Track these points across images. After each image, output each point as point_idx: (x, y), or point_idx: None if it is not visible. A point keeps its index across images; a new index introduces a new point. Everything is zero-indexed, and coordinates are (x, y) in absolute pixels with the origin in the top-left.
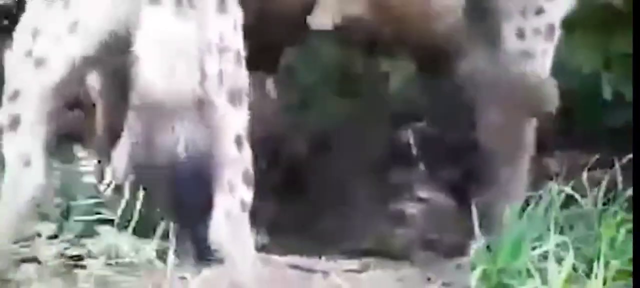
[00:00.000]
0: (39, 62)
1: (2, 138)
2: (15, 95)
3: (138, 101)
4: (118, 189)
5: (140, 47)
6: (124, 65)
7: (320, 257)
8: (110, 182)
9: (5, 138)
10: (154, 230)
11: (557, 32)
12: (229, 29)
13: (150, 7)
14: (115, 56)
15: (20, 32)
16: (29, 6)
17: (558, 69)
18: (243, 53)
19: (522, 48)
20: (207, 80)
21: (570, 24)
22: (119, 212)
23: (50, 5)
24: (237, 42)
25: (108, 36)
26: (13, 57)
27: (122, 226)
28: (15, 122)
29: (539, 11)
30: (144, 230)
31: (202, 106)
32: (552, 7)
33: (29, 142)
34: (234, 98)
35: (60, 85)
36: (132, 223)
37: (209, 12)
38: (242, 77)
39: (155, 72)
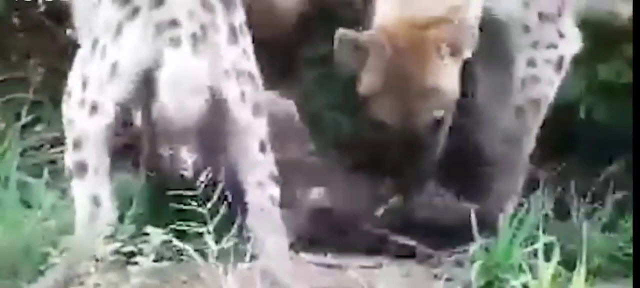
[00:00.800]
0: (93, 108)
1: (71, 183)
2: (77, 143)
3: (160, 127)
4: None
5: (162, 83)
6: (150, 100)
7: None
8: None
9: (74, 183)
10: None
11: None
12: (240, 56)
13: (170, 48)
14: (144, 93)
15: (73, 83)
16: (77, 58)
17: None
18: (257, 71)
19: (532, 74)
20: (229, 102)
21: None
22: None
23: (93, 55)
24: (249, 64)
25: (138, 77)
26: (70, 107)
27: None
28: (82, 169)
29: (551, 46)
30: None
31: (223, 124)
32: (564, 44)
33: (97, 184)
34: (255, 110)
35: (113, 126)
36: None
37: (221, 45)
38: (258, 91)
39: (172, 104)
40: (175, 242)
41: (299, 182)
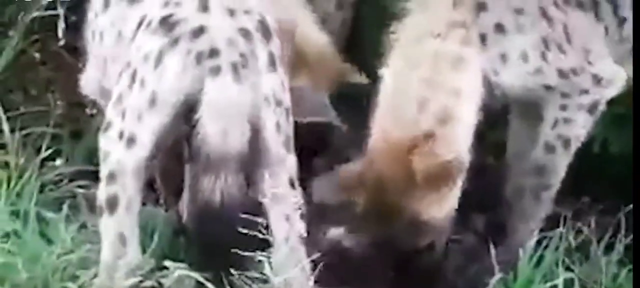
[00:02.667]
0: (130, 141)
1: (100, 218)
2: (112, 176)
3: (198, 156)
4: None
5: (203, 112)
6: (190, 130)
7: None
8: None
9: (103, 219)
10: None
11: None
12: (279, 85)
13: (211, 76)
14: (184, 122)
15: (111, 115)
16: (116, 89)
17: None
18: (290, 106)
19: (564, 116)
20: (266, 130)
21: None
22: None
23: (131, 86)
24: (285, 96)
25: (177, 107)
26: (107, 139)
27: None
28: (113, 204)
29: (583, 92)
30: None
31: (258, 154)
32: (598, 89)
33: (126, 222)
34: (287, 144)
35: (149, 158)
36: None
37: (261, 71)
38: (291, 127)
39: (214, 132)
40: (193, 274)
41: None
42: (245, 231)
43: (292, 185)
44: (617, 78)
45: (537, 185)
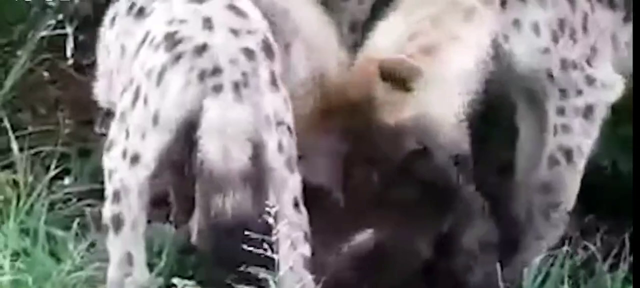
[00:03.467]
0: (134, 159)
1: (106, 237)
2: (116, 194)
3: (200, 176)
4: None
5: (204, 130)
6: (191, 148)
7: None
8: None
9: (110, 238)
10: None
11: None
12: (281, 104)
13: (212, 94)
14: (185, 141)
15: (115, 134)
16: (119, 107)
17: None
18: (293, 125)
19: (562, 122)
20: (267, 151)
21: None
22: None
23: (134, 103)
24: (288, 116)
25: (179, 125)
26: (111, 158)
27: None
28: (118, 223)
29: (578, 93)
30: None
31: (261, 173)
32: (593, 91)
33: (131, 240)
34: (289, 164)
35: (153, 177)
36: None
37: (263, 92)
38: (293, 146)
39: (215, 150)
40: None
41: None
42: (252, 249)
43: (296, 205)
44: (613, 84)
45: (545, 203)
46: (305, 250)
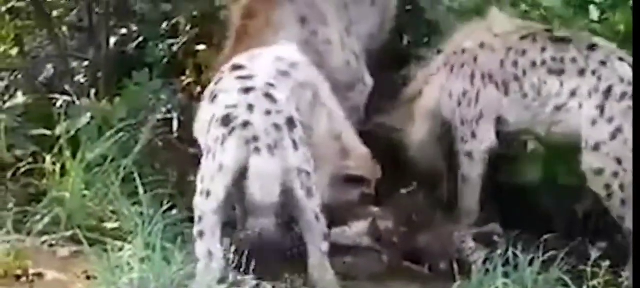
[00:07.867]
0: (208, 194)
1: (195, 244)
2: (200, 218)
3: (247, 204)
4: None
5: (250, 177)
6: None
7: None
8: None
9: (197, 244)
10: None
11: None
12: (302, 160)
13: (254, 154)
14: (238, 183)
15: (198, 180)
16: (200, 174)
17: None
18: (312, 170)
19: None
20: (294, 188)
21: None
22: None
23: (207, 157)
24: (307, 165)
25: (234, 173)
26: (196, 195)
27: None
28: (202, 234)
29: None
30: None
31: (289, 203)
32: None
33: (211, 243)
34: (308, 193)
35: (222, 206)
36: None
37: (289, 152)
38: (312, 183)
39: (256, 188)
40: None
41: None
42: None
43: (317, 218)
44: (489, 137)
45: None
46: (324, 246)
